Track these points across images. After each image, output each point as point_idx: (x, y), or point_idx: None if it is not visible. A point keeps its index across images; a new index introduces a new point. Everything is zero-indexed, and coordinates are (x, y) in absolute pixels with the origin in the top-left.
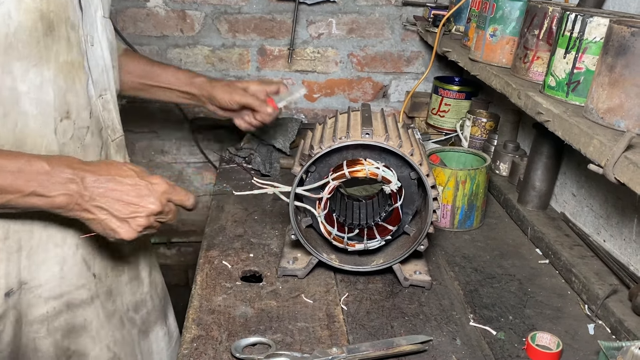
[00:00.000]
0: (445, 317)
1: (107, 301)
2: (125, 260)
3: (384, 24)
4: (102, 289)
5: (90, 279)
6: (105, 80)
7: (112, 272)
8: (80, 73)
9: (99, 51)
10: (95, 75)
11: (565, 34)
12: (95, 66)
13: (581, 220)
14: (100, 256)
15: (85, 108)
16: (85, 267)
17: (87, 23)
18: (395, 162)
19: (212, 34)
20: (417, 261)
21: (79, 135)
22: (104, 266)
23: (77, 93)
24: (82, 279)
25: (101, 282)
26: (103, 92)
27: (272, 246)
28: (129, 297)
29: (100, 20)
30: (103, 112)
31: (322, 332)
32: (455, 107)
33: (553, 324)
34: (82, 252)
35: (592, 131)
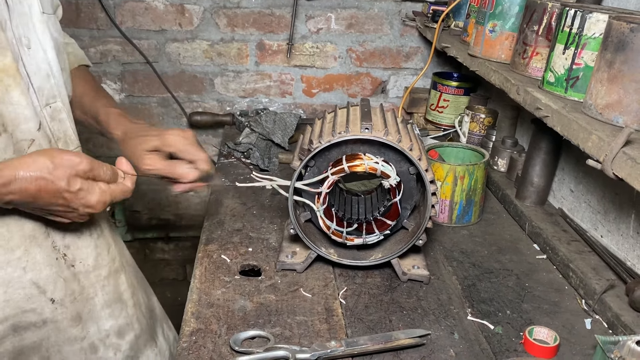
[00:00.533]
0: (443, 311)
1: (72, 327)
2: (99, 285)
3: (383, 19)
4: (65, 315)
5: (44, 304)
6: (52, 86)
7: (80, 295)
8: (17, 80)
9: (39, 54)
10: (38, 82)
11: (565, 29)
12: (36, 72)
13: (579, 216)
14: (62, 279)
15: (30, 119)
16: (38, 291)
17: (20, 22)
18: (394, 157)
19: (211, 28)
20: (416, 256)
21: (19, 149)
22: (69, 290)
23: (14, 103)
24: (32, 303)
25: (64, 307)
26: (51, 99)
27: (271, 240)
28: (108, 322)
29: (38, 17)
30: (52, 123)
31: (321, 326)
32: (453, 103)
33: (550, 318)
34: (31, 276)
35: (590, 127)
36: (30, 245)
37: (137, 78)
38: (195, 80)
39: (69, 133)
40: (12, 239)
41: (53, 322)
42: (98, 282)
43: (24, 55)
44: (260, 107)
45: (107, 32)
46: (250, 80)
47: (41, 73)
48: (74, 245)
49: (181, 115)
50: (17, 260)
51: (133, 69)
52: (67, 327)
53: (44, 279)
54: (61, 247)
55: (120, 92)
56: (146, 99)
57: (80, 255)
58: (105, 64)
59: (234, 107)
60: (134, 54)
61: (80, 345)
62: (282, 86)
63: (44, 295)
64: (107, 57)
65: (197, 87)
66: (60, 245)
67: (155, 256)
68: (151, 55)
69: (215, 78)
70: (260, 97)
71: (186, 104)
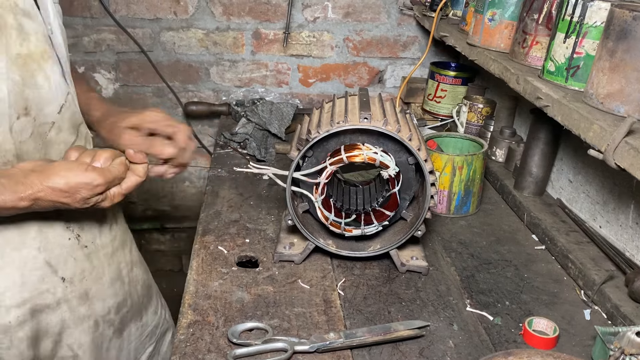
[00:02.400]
0: (442, 302)
1: (80, 305)
2: (106, 263)
3: (380, 8)
4: (74, 294)
5: (56, 283)
6: (69, 70)
7: (90, 275)
8: (44, 64)
9: (58, 39)
10: (65, 66)
11: (566, 18)
12: (61, 55)
13: (577, 207)
14: (72, 258)
15: (52, 102)
16: (50, 271)
17: (43, 8)
18: (393, 147)
19: (206, 16)
20: (414, 247)
21: (40, 133)
22: (78, 269)
23: (38, 87)
24: (46, 283)
25: (73, 286)
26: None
27: (268, 231)
28: (111, 300)
29: (51, 6)
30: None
31: (319, 318)
32: (451, 92)
33: (549, 309)
34: (45, 256)
35: (592, 116)
36: (43, 224)
37: (132, 67)
38: (191, 70)
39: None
40: (26, 218)
41: (66, 301)
42: (106, 259)
43: (53, 40)
44: (257, 96)
45: (101, 20)
46: (246, 69)
47: (63, 57)
48: (87, 226)
49: (177, 105)
50: (32, 240)
51: (127, 58)
52: (77, 305)
53: (56, 257)
54: (75, 228)
55: (114, 82)
56: (141, 88)
57: (91, 236)
58: (99, 53)
59: (229, 96)
60: (128, 42)
61: (87, 324)
62: (278, 76)
63: (56, 275)
64: (101, 46)
65: (192, 76)
66: (75, 227)
67: (151, 247)
68: (146, 44)
69: (211, 67)
70: (257, 86)
71: (181, 93)
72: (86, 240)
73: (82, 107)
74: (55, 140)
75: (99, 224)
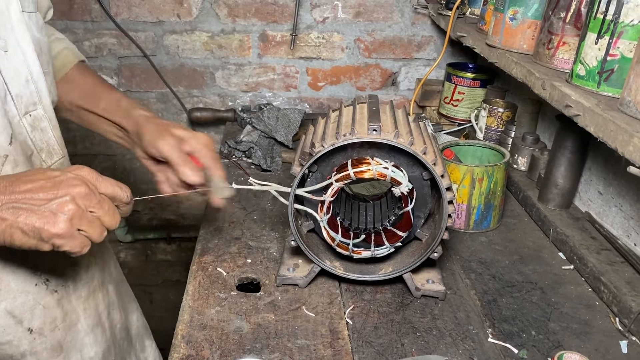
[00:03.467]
0: (461, 332)
1: (52, 358)
2: (80, 308)
3: (393, 6)
4: (44, 345)
5: (21, 335)
6: (32, 92)
7: (62, 323)
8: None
9: (18, 57)
10: (16, 89)
11: (598, 16)
12: (14, 77)
13: (609, 221)
14: (40, 306)
15: (2, 132)
16: (14, 321)
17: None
18: (406, 161)
19: (211, 19)
20: (430, 269)
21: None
22: (48, 317)
23: None
24: (8, 335)
25: (43, 337)
26: (31, 107)
27: (272, 250)
28: (92, 349)
29: (17, 17)
30: (33, 133)
31: (325, 351)
32: (469, 95)
33: (581, 340)
34: (6, 305)
35: (631, 127)
36: (3, 271)
37: (135, 72)
38: (195, 74)
39: (51, 143)
40: None
41: (32, 354)
42: (79, 305)
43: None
44: (264, 101)
45: (102, 24)
46: (253, 73)
47: (20, 78)
48: (57, 269)
49: (181, 111)
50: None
51: (130, 62)
52: (48, 358)
53: (20, 306)
54: (43, 272)
55: (117, 87)
56: (144, 94)
57: (62, 279)
58: (100, 58)
59: (236, 102)
60: (130, 47)
61: None
62: (286, 79)
63: (21, 326)
64: (102, 50)
65: (197, 81)
66: (43, 270)
67: (157, 257)
68: (148, 48)
69: (216, 72)
70: (264, 91)
71: (186, 99)
72: (56, 284)
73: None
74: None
75: (73, 265)
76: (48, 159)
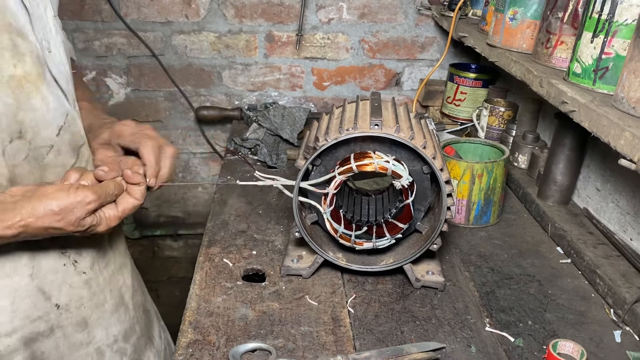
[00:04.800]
0: (460, 321)
1: (78, 332)
2: (107, 289)
3: (397, 8)
4: (69, 320)
5: (50, 310)
6: (71, 89)
7: (89, 302)
8: (40, 85)
9: (57, 57)
10: (64, 85)
11: (593, 16)
12: (59, 75)
13: (606, 217)
14: (68, 285)
15: (49, 125)
16: (43, 298)
17: (40, 26)
18: (407, 155)
19: (218, 19)
20: (430, 260)
21: (36, 156)
22: (75, 295)
23: (34, 109)
24: (38, 310)
25: (69, 313)
26: (75, 102)
27: (277, 243)
28: (117, 327)
29: (52, 20)
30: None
31: (327, 338)
32: (471, 95)
33: (576, 330)
34: (38, 282)
35: (623, 122)
36: (36, 251)
37: (143, 72)
38: (203, 74)
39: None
40: (18, 246)
41: (59, 327)
42: (106, 286)
43: (47, 59)
44: (270, 100)
45: (112, 24)
46: (259, 73)
47: (62, 76)
48: (85, 252)
49: (188, 110)
50: (23, 267)
51: (139, 62)
52: (72, 332)
53: (49, 284)
54: (72, 254)
55: (126, 86)
56: (152, 93)
57: (90, 261)
58: (110, 58)
59: (242, 101)
60: (139, 46)
61: (85, 351)
62: (292, 79)
63: (50, 301)
64: (112, 50)
65: (204, 80)
66: (71, 252)
67: (164, 254)
68: (157, 48)
69: (223, 71)
70: (270, 90)
71: (193, 98)
72: (84, 266)
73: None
74: (53, 163)
75: (97, 249)
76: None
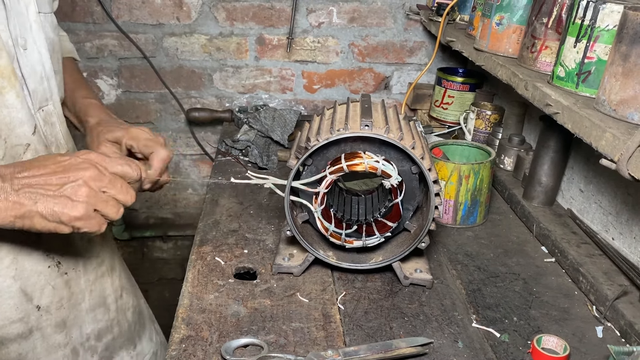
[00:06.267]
0: (447, 317)
1: (56, 334)
2: (87, 290)
3: (386, 12)
4: (49, 322)
5: (30, 312)
6: (45, 89)
7: (68, 302)
8: (15, 82)
9: (35, 55)
10: (32, 85)
11: (576, 21)
12: (31, 74)
13: (589, 217)
14: (50, 286)
15: (25, 122)
16: (25, 299)
17: (17, 22)
18: (396, 156)
19: (209, 22)
20: (418, 259)
21: (13, 155)
22: (56, 297)
23: (8, 106)
24: (19, 312)
25: (49, 314)
26: (44, 103)
27: (268, 242)
28: (90, 326)
29: (34, 17)
30: (45, 127)
31: (318, 333)
32: (459, 99)
33: (559, 325)
34: (21, 284)
35: (604, 124)
36: (19, 253)
37: (134, 73)
38: (194, 76)
39: (59, 137)
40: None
41: (38, 329)
42: (87, 287)
43: (20, 56)
44: (260, 103)
45: (103, 26)
46: (250, 75)
47: (36, 75)
48: (68, 254)
49: (179, 112)
50: (6, 269)
51: (130, 64)
52: (52, 333)
53: (32, 286)
54: (56, 255)
55: (117, 88)
56: (143, 94)
57: (73, 262)
58: (101, 59)
59: (233, 103)
60: (130, 48)
61: (63, 352)
62: (282, 82)
63: (31, 303)
64: (103, 51)
65: (195, 82)
66: (55, 254)
67: (154, 255)
68: (148, 49)
69: (214, 73)
70: (260, 93)
71: (184, 99)
72: (67, 267)
73: (79, 113)
74: None
75: (84, 250)
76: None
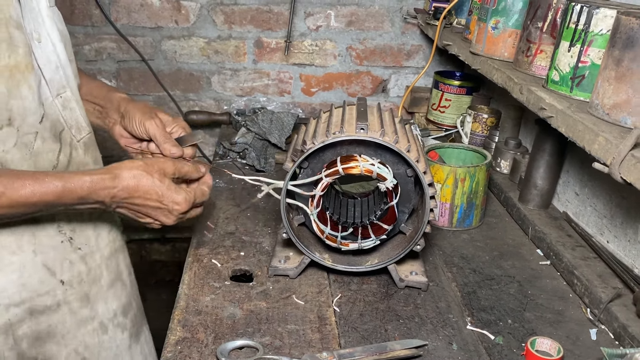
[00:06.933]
0: (442, 320)
1: (82, 308)
2: (104, 265)
3: (384, 16)
4: (74, 296)
5: (56, 286)
6: (61, 77)
7: (87, 277)
8: (28, 75)
9: (49, 47)
10: (49, 74)
11: (570, 26)
12: (46, 64)
13: (584, 220)
14: (68, 261)
15: (34, 112)
16: (49, 274)
17: (30, 18)
18: (391, 159)
19: (208, 25)
20: (413, 261)
21: (25, 142)
22: (75, 271)
23: (22, 97)
24: (46, 286)
25: (72, 289)
26: (61, 90)
27: (264, 244)
28: (114, 302)
29: (45, 11)
30: (64, 112)
31: (313, 335)
32: (456, 102)
33: (554, 328)
34: (41, 258)
35: (597, 128)
36: (36, 228)
37: (133, 76)
38: (192, 79)
39: (79, 120)
40: (19, 223)
41: (66, 303)
42: (102, 262)
43: (35, 49)
44: (258, 106)
45: (102, 29)
46: (248, 78)
47: (51, 65)
48: (79, 229)
49: (177, 114)
50: (26, 243)
51: (128, 66)
52: (79, 308)
53: (52, 260)
54: (67, 231)
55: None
56: (142, 97)
57: (85, 238)
58: (100, 62)
59: (231, 106)
60: (129, 51)
61: (92, 326)
62: (280, 85)
63: (55, 277)
64: (102, 54)
65: (193, 85)
66: (67, 229)
67: (151, 257)
68: (147, 52)
69: (212, 76)
70: (258, 95)
71: (182, 102)
72: (79, 242)
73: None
74: (42, 149)
75: (94, 226)
76: (77, 134)
